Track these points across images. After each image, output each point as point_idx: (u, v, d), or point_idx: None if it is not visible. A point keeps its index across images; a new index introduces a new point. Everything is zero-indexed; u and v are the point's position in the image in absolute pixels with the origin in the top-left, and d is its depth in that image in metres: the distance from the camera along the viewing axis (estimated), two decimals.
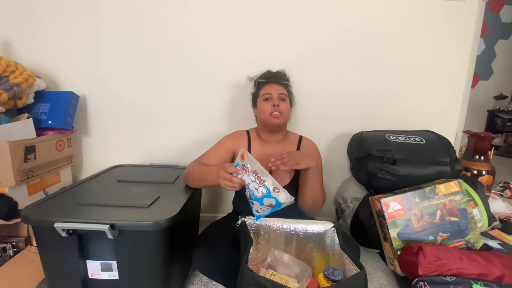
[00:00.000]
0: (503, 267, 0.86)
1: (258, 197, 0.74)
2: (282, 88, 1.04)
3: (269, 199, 0.74)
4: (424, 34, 1.35)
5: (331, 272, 0.73)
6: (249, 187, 0.76)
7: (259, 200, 0.75)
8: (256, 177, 0.74)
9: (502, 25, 3.53)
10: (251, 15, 1.30)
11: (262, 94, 1.04)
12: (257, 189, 0.74)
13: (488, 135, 1.51)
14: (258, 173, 0.74)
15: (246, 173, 0.75)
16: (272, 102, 1.00)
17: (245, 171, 0.75)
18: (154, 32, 1.31)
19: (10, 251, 1.01)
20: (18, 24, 1.29)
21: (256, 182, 0.74)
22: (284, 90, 1.05)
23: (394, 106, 1.41)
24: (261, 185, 0.73)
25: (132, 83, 1.35)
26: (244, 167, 0.76)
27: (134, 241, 0.74)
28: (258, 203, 0.76)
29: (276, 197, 0.73)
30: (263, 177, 0.74)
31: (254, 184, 0.74)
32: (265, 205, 0.75)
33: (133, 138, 1.40)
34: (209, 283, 0.98)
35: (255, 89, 1.13)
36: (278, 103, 0.99)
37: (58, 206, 0.82)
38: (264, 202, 0.74)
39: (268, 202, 0.74)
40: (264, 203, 0.75)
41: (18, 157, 1.02)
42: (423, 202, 0.99)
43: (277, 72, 1.19)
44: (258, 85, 1.14)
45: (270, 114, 0.99)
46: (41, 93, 1.24)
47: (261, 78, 1.15)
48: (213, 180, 0.83)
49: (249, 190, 0.76)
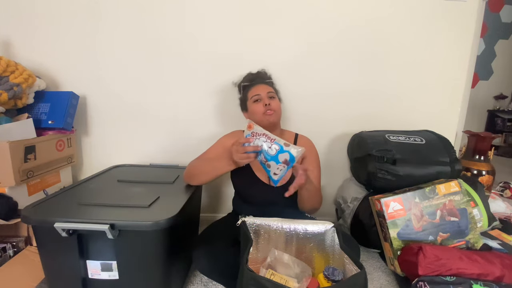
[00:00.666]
0: (503, 267, 0.86)
1: (273, 155, 0.80)
2: (268, 87, 1.07)
3: (283, 154, 0.79)
4: (424, 34, 1.35)
5: (331, 272, 0.73)
6: (262, 150, 0.81)
7: (274, 159, 0.80)
8: (267, 138, 0.81)
9: (502, 25, 3.53)
10: (250, 15, 1.30)
11: (250, 96, 1.05)
12: (270, 147, 0.80)
13: (488, 135, 1.51)
14: (267, 134, 0.81)
15: (257, 138, 0.82)
16: (263, 102, 1.02)
17: (255, 137, 0.82)
18: (154, 32, 1.31)
19: (10, 251, 1.01)
20: (18, 24, 1.29)
21: (268, 141, 0.80)
22: (271, 88, 1.08)
23: (394, 106, 1.41)
24: (273, 143, 0.80)
25: (132, 83, 1.35)
26: (254, 134, 0.82)
27: (134, 241, 0.74)
28: (274, 162, 0.80)
29: (288, 151, 0.78)
30: (272, 137, 0.81)
31: (266, 143, 0.80)
32: (281, 163, 0.79)
33: (133, 138, 1.40)
34: (209, 283, 0.98)
35: (242, 94, 1.15)
36: (269, 102, 1.01)
37: (58, 206, 0.82)
38: (280, 158, 0.79)
39: (283, 157, 0.79)
40: (280, 160, 0.79)
41: (18, 157, 1.02)
42: (423, 202, 0.99)
43: (259, 72, 1.20)
44: (244, 88, 1.15)
45: (263, 113, 1.01)
46: (41, 93, 1.24)
47: (245, 81, 1.17)
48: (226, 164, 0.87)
49: (263, 153, 0.81)
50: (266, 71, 1.22)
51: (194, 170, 0.98)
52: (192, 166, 0.99)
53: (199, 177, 0.97)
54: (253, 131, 0.83)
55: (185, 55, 1.33)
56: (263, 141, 0.81)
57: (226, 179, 1.13)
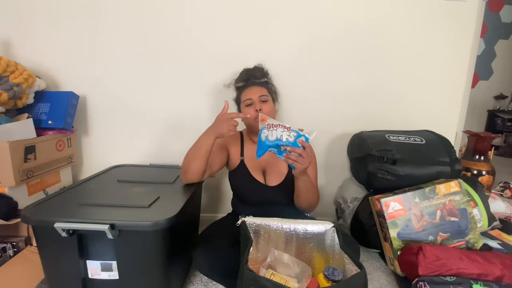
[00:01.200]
0: (503, 267, 0.86)
1: (293, 142, 0.84)
2: (261, 89, 1.04)
3: (300, 139, 0.84)
4: (424, 34, 1.35)
5: (331, 272, 0.73)
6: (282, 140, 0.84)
7: (294, 144, 0.84)
8: (283, 128, 0.85)
9: (502, 25, 3.53)
10: (250, 15, 1.31)
11: (243, 100, 1.04)
12: (289, 135, 0.84)
13: (488, 135, 1.51)
14: (282, 124, 0.85)
15: (274, 129, 0.85)
16: (254, 107, 0.99)
17: (271, 128, 0.85)
18: (154, 32, 1.31)
19: (10, 251, 1.01)
20: (18, 24, 1.29)
21: (285, 131, 0.85)
22: (264, 90, 1.04)
23: (394, 106, 1.41)
24: (290, 131, 0.84)
25: (132, 83, 1.35)
26: (269, 126, 0.85)
27: (134, 241, 0.74)
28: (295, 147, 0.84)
29: (304, 135, 0.84)
30: (287, 125, 0.85)
31: (285, 133, 0.84)
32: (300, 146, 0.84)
33: (133, 138, 1.40)
34: (209, 283, 0.98)
35: (236, 95, 1.13)
36: (261, 107, 0.99)
37: (58, 206, 0.82)
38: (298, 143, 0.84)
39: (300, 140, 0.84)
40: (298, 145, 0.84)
41: (18, 157, 1.02)
42: (423, 202, 0.99)
43: (254, 69, 1.14)
44: (237, 90, 1.13)
45: (255, 118, 0.98)
46: (41, 93, 1.24)
47: (238, 81, 1.13)
48: (207, 136, 0.89)
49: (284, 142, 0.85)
50: (262, 67, 1.16)
51: (184, 164, 0.95)
52: (183, 162, 0.96)
53: (190, 166, 0.92)
54: (268, 123, 0.86)
55: (185, 55, 1.33)
56: (281, 131, 0.85)
57: (226, 179, 1.13)
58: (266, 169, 1.05)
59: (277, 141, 0.84)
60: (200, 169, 0.92)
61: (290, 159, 0.83)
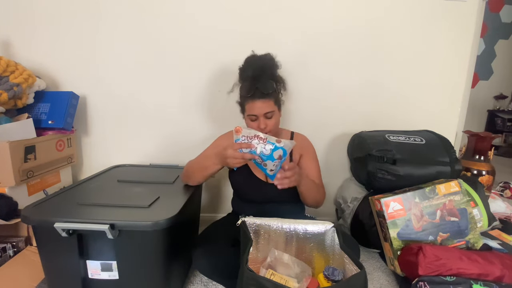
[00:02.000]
0: (503, 267, 0.86)
1: (268, 155, 0.81)
2: (267, 103, 0.91)
3: (277, 151, 0.81)
4: (424, 34, 1.35)
5: (331, 272, 0.73)
6: (256, 152, 0.82)
7: (270, 157, 0.81)
8: (259, 139, 0.81)
9: (502, 25, 3.53)
10: (250, 15, 1.30)
11: (247, 112, 0.94)
12: (264, 147, 0.81)
13: (488, 135, 1.51)
14: (258, 135, 0.81)
15: (249, 141, 0.82)
16: (259, 124, 0.92)
17: (247, 140, 0.82)
18: (154, 32, 1.31)
19: (10, 251, 1.01)
20: (18, 24, 1.29)
21: (261, 143, 0.81)
22: (271, 104, 0.92)
23: (394, 106, 1.41)
24: (266, 143, 0.81)
25: (132, 83, 1.35)
26: (245, 137, 0.82)
27: (134, 241, 0.74)
28: (270, 160, 0.82)
29: (281, 147, 0.80)
30: (263, 136, 0.81)
31: (260, 145, 0.81)
32: (276, 159, 0.81)
33: (133, 138, 1.40)
34: (209, 283, 0.98)
35: (240, 99, 1.00)
36: (265, 124, 0.92)
37: (58, 206, 0.82)
38: (274, 155, 0.81)
39: (277, 154, 0.81)
40: (275, 157, 0.81)
41: (18, 157, 1.02)
42: (423, 202, 0.99)
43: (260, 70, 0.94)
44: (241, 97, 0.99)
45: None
46: (41, 93, 1.24)
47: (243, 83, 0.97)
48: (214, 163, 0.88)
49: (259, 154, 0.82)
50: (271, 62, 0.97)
51: (187, 171, 0.99)
52: (186, 167, 1.00)
53: (192, 176, 0.98)
54: (243, 135, 0.82)
55: (185, 55, 1.33)
56: (256, 143, 0.81)
57: (226, 179, 1.13)
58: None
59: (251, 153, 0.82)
60: (201, 182, 0.97)
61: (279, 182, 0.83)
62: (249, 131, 0.82)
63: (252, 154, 0.81)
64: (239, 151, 0.80)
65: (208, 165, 0.91)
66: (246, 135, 0.82)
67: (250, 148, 0.81)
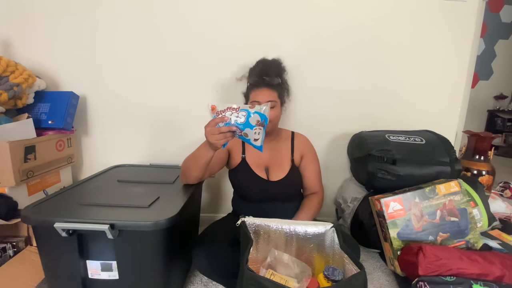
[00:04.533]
0: (503, 267, 0.86)
1: (244, 123, 0.78)
2: (271, 93, 1.00)
3: (253, 117, 0.78)
4: (424, 34, 1.35)
5: (331, 272, 0.73)
6: (231, 122, 0.79)
7: (248, 125, 0.78)
8: (231, 110, 0.79)
9: (502, 25, 3.53)
10: (250, 15, 1.30)
11: (251, 99, 1.01)
12: (238, 116, 0.78)
13: (488, 135, 1.51)
14: (230, 107, 0.79)
15: (223, 114, 0.80)
16: None
17: (221, 114, 0.80)
18: (154, 32, 1.31)
19: (10, 251, 1.01)
20: (18, 24, 1.29)
21: (234, 112, 0.79)
22: (274, 95, 1.00)
23: (394, 106, 1.41)
24: (239, 111, 0.78)
25: (132, 83, 1.35)
26: (219, 113, 0.80)
27: (134, 241, 0.74)
28: (249, 128, 0.79)
29: (257, 111, 0.78)
30: (236, 106, 0.79)
31: (234, 115, 0.79)
32: (255, 125, 0.78)
33: (133, 138, 1.40)
34: (209, 283, 0.98)
35: (246, 89, 1.09)
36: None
37: (58, 206, 0.82)
38: (251, 121, 0.78)
39: (254, 120, 0.78)
40: (252, 123, 0.78)
41: (18, 157, 1.02)
42: (423, 202, 0.99)
43: (269, 66, 1.07)
44: (248, 85, 1.09)
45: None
46: (41, 93, 1.24)
47: (252, 75, 1.08)
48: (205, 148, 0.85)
49: (234, 124, 0.79)
50: (279, 63, 1.11)
51: (183, 167, 0.96)
52: (182, 164, 0.97)
53: (189, 173, 0.94)
54: (217, 111, 0.80)
55: (185, 55, 1.33)
56: (229, 115, 0.79)
57: (226, 179, 1.13)
58: (269, 165, 1.05)
59: (227, 125, 0.79)
60: (199, 176, 0.94)
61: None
62: (222, 106, 0.80)
63: (228, 126, 0.78)
64: (216, 127, 0.78)
65: (200, 154, 0.88)
66: (219, 110, 0.80)
67: (224, 121, 0.79)
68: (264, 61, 1.10)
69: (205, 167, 0.90)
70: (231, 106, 0.79)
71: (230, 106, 0.79)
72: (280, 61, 1.12)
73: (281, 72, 1.11)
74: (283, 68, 1.12)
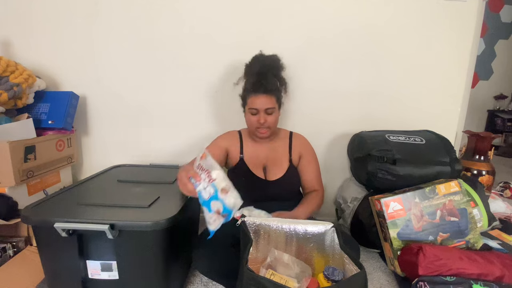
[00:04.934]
0: (503, 267, 0.86)
1: (205, 200, 0.65)
2: (269, 99, 0.96)
3: (216, 203, 0.63)
4: (424, 34, 1.35)
5: (331, 272, 0.73)
6: (198, 187, 0.67)
7: (207, 205, 0.65)
8: (207, 175, 0.65)
9: (502, 25, 3.53)
10: (250, 15, 1.30)
11: (248, 105, 0.98)
12: (205, 188, 0.65)
13: (488, 135, 1.51)
14: (210, 171, 0.65)
15: (201, 173, 0.68)
16: (259, 118, 0.96)
17: (199, 169, 0.69)
18: (154, 32, 1.31)
19: (10, 251, 1.01)
20: (18, 24, 1.29)
21: (206, 180, 0.65)
22: (272, 100, 0.97)
23: (394, 106, 1.41)
24: (209, 184, 0.64)
25: (132, 83, 1.35)
26: (200, 167, 0.69)
27: (134, 241, 0.74)
28: (207, 209, 0.66)
29: (223, 200, 0.63)
30: (213, 173, 0.64)
31: (203, 183, 0.65)
32: (214, 212, 0.64)
33: (133, 138, 1.40)
34: (209, 283, 0.98)
35: (243, 92, 1.05)
36: (265, 119, 0.96)
37: (58, 206, 0.82)
38: (212, 206, 0.64)
39: (216, 206, 0.64)
40: (212, 209, 0.64)
41: (18, 157, 1.02)
42: (423, 202, 0.99)
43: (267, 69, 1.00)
44: (244, 90, 1.04)
45: (257, 128, 0.99)
46: (41, 93, 1.24)
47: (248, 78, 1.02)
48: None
49: (198, 191, 0.67)
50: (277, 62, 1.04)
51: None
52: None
53: None
54: (201, 162, 0.69)
55: (185, 55, 1.33)
56: (203, 178, 0.66)
57: None
58: (266, 165, 1.05)
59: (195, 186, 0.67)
60: None
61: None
62: (208, 162, 0.68)
63: (193, 189, 0.66)
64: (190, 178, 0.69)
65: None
66: (202, 164, 0.68)
67: (195, 180, 0.67)
68: (261, 59, 1.02)
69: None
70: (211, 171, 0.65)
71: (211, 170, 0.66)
72: (278, 58, 1.05)
73: (279, 72, 1.05)
74: (281, 66, 1.05)
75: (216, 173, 0.65)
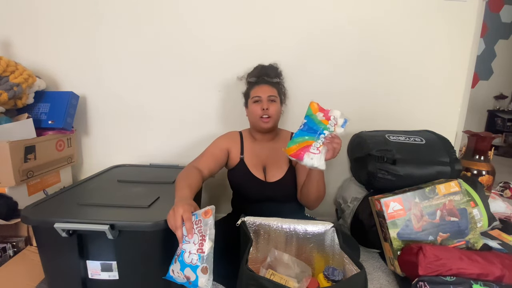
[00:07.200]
0: (503, 267, 0.86)
1: (184, 261, 0.66)
2: (271, 89, 1.04)
3: (191, 272, 0.65)
4: (424, 34, 1.35)
5: (331, 272, 0.73)
6: (185, 246, 0.67)
7: (182, 264, 0.66)
8: (200, 242, 0.65)
9: (502, 25, 3.53)
10: (248, 15, 1.30)
11: (252, 96, 1.04)
12: (190, 253, 0.65)
13: (488, 135, 1.51)
14: (204, 237, 0.66)
15: (197, 231, 0.67)
16: (262, 105, 1.01)
17: (197, 228, 0.68)
18: (154, 32, 1.31)
19: (10, 251, 1.01)
20: (18, 24, 1.29)
21: (195, 245, 0.65)
22: (274, 91, 1.04)
23: (394, 106, 1.41)
24: (197, 253, 0.65)
25: (132, 83, 1.35)
26: (197, 223, 0.68)
27: (134, 241, 0.74)
28: (180, 265, 0.66)
29: (198, 276, 0.64)
30: (206, 246, 0.65)
31: (192, 246, 0.66)
32: (184, 274, 0.65)
33: (133, 138, 1.40)
34: None
35: (246, 89, 1.13)
36: (268, 106, 1.00)
37: (58, 206, 0.82)
38: (185, 271, 0.65)
39: (188, 274, 0.65)
40: (185, 272, 0.65)
41: (18, 157, 1.02)
42: (423, 202, 0.99)
43: (268, 68, 1.14)
44: (248, 85, 1.13)
45: (260, 117, 1.01)
46: (41, 93, 1.24)
47: (251, 76, 1.13)
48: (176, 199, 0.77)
49: (182, 249, 0.67)
50: (277, 67, 1.17)
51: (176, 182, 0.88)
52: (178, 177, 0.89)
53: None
54: (201, 219, 0.69)
55: (185, 55, 1.33)
56: (193, 241, 0.66)
57: (226, 179, 1.13)
58: (266, 166, 1.05)
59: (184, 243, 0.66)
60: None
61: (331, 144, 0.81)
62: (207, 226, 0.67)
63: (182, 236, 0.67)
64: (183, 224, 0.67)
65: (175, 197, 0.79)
66: (200, 225, 0.67)
67: (188, 235, 0.67)
68: (261, 65, 1.16)
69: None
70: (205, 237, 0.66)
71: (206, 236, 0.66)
72: (276, 66, 1.18)
73: (279, 75, 1.16)
74: (280, 72, 1.17)
75: (208, 247, 0.65)
